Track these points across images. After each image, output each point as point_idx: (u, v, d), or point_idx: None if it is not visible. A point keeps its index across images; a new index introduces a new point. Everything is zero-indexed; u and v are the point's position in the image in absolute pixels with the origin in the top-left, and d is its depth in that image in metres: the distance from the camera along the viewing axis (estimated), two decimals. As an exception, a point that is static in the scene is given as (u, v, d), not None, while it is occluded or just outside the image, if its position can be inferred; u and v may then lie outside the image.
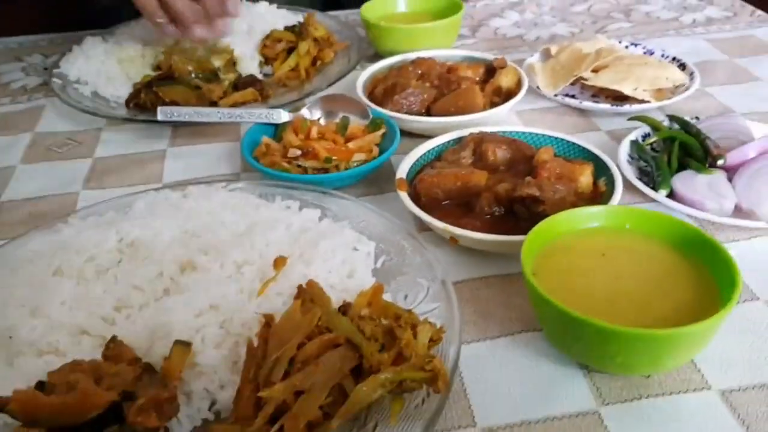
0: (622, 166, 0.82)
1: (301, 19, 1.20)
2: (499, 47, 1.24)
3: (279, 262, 0.64)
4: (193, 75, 1.05)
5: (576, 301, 0.56)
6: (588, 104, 0.97)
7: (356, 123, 0.92)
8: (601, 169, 0.80)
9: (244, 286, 0.63)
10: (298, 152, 0.84)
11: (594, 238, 0.65)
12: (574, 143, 0.84)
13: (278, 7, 1.27)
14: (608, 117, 0.98)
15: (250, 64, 1.14)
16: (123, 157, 0.97)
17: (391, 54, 1.16)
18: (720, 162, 0.78)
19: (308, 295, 0.58)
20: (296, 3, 1.34)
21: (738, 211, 0.76)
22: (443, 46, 1.17)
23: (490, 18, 1.36)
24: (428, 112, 0.97)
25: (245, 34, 1.17)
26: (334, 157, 0.83)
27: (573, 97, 1.02)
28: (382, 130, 0.91)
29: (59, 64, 1.15)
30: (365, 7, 1.21)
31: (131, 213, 0.74)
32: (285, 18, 1.25)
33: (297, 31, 1.16)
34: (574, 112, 1.00)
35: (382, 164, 0.86)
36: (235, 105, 1.04)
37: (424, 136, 0.91)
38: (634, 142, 0.86)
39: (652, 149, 0.87)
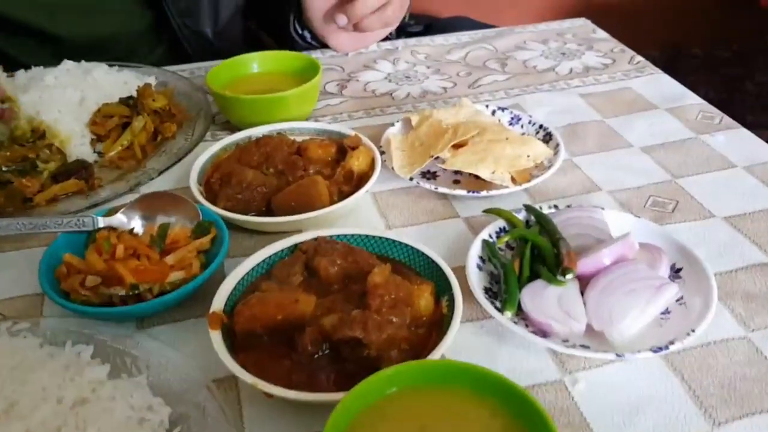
0: (470, 273, 0.73)
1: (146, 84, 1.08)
2: (366, 107, 1.15)
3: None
4: (3, 168, 0.91)
5: None
6: (444, 189, 0.89)
7: (182, 226, 0.81)
8: (444, 284, 0.71)
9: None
10: (99, 280, 0.72)
11: (414, 403, 0.56)
12: (417, 251, 0.75)
13: (119, 69, 1.15)
14: (468, 201, 0.90)
15: (80, 144, 1.01)
16: None
17: (243, 125, 1.06)
18: (569, 276, 0.70)
19: None
20: (140, 59, 1.22)
21: (590, 332, 0.68)
22: (300, 115, 1.07)
23: (362, 70, 1.27)
24: (269, 206, 0.87)
25: (76, 106, 1.04)
26: (141, 284, 0.72)
27: (434, 175, 0.94)
28: (211, 235, 0.80)
29: None
30: (211, 73, 1.09)
31: None
32: (128, 83, 1.12)
33: (131, 104, 1.03)
34: (432, 195, 0.91)
35: (210, 277, 0.75)
36: (55, 199, 0.92)
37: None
38: (485, 242, 0.78)
39: (508, 246, 0.80)
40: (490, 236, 0.80)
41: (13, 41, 1.24)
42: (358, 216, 0.90)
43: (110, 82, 1.11)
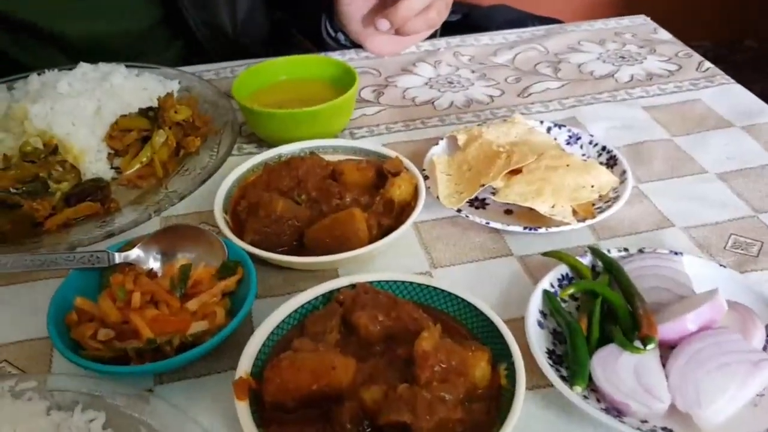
0: (531, 333, 0.64)
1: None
2: (405, 118, 1.05)
3: None
4: (11, 189, 0.83)
5: None
6: (496, 224, 0.79)
7: (206, 264, 0.73)
8: (501, 348, 0.62)
9: None
10: (112, 334, 0.64)
11: None
12: (471, 305, 0.66)
13: (139, 73, 1.06)
14: (522, 236, 0.80)
15: (96, 160, 0.92)
16: None
17: (271, 140, 0.97)
18: (650, 346, 0.61)
19: None
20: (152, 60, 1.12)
21: (674, 412, 0.59)
22: (333, 130, 0.98)
23: (400, 74, 1.17)
24: (301, 239, 0.78)
25: (91, 117, 0.96)
26: (158, 339, 0.64)
27: (483, 203, 0.84)
28: (237, 276, 0.71)
29: None
30: (237, 82, 1.00)
31: None
32: (147, 89, 1.03)
33: (152, 117, 0.94)
34: (482, 228, 0.82)
35: (237, 327, 0.67)
36: (68, 224, 0.84)
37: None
38: (547, 294, 0.69)
39: (572, 297, 0.70)
40: (552, 285, 0.70)
41: (15, 42, 1.15)
42: (398, 250, 0.80)
43: (129, 89, 1.02)
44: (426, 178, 0.85)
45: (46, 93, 0.97)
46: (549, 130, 0.94)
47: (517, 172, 0.83)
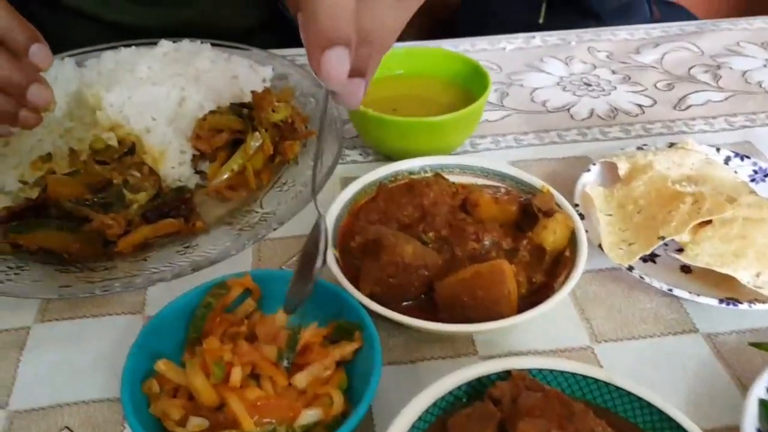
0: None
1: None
2: (537, 128, 0.88)
3: None
4: (80, 201, 0.69)
5: None
6: (683, 294, 0.62)
7: (317, 325, 0.58)
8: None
9: None
10: (206, 424, 0.50)
11: None
12: (668, 417, 0.50)
13: (228, 56, 0.91)
14: (712, 310, 0.63)
15: (178, 164, 0.78)
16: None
17: (381, 149, 0.81)
18: None
19: None
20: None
21: None
22: (456, 142, 0.82)
23: (525, 71, 0.99)
24: (429, 292, 0.63)
25: (174, 110, 0.81)
26: (260, 430, 0.50)
27: (653, 255, 0.67)
28: (356, 345, 0.57)
29: None
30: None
31: None
32: (238, 77, 0.88)
33: (245, 115, 0.79)
34: (655, 292, 0.65)
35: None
36: (145, 246, 0.70)
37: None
38: (764, 405, 0.52)
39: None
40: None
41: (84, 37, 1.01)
42: (546, 314, 0.64)
43: (217, 76, 0.87)
44: (581, 216, 0.68)
45: (122, 77, 0.83)
46: (727, 160, 0.76)
47: (705, 222, 0.65)
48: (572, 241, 0.65)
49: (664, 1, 1.45)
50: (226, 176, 0.77)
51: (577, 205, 0.70)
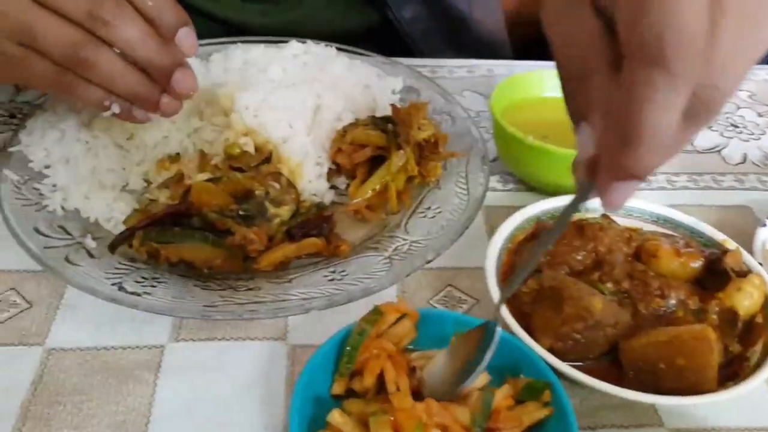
0: None
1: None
2: (689, 170, 0.81)
3: None
4: (223, 211, 0.63)
5: None
6: None
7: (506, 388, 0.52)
8: None
9: None
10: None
11: None
12: None
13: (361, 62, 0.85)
14: None
15: (315, 177, 0.72)
16: (83, 359, 0.57)
17: (525, 176, 0.76)
18: None
19: None
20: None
21: None
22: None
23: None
24: (611, 352, 0.57)
25: (310, 119, 0.75)
26: None
27: None
28: (547, 411, 0.50)
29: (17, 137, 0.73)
30: (496, 93, 0.78)
31: None
32: (370, 87, 0.82)
33: (390, 131, 0.73)
34: None
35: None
36: (284, 266, 0.64)
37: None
38: None
39: None
40: None
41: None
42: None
43: (351, 84, 0.82)
44: (767, 279, 0.62)
45: (255, 78, 0.78)
46: None
47: None
48: (765, 306, 0.59)
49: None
50: (365, 196, 0.71)
51: (761, 264, 0.64)
